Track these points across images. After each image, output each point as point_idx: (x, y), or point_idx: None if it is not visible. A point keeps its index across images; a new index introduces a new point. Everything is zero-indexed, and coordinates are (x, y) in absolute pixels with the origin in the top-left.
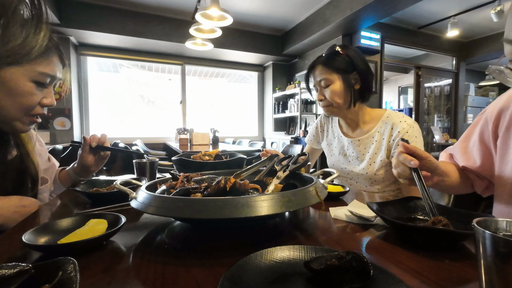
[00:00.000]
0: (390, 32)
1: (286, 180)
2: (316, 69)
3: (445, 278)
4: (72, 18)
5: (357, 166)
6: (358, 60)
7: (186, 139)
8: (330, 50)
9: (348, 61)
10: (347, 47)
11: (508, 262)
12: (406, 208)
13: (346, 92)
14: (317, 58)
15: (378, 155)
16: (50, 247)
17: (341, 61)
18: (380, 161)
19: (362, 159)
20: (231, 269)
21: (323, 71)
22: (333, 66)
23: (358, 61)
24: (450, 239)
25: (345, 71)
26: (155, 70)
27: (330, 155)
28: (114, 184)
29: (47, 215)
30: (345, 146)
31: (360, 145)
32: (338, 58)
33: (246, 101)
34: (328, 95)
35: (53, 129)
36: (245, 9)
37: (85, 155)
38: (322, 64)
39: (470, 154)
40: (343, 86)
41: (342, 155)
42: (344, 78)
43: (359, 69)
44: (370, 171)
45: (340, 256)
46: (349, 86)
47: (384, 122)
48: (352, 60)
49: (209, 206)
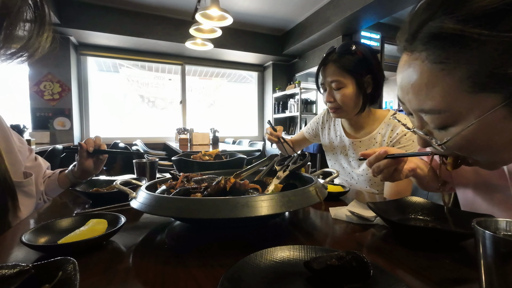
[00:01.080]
0: (390, 32)
1: (286, 180)
2: (328, 68)
3: (445, 278)
4: (72, 18)
5: (357, 167)
6: (373, 61)
7: (186, 139)
8: (344, 47)
9: (364, 63)
10: (361, 44)
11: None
12: (406, 208)
13: (358, 96)
14: (330, 53)
15: None
16: (50, 247)
17: (356, 62)
18: None
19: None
20: (231, 269)
21: (336, 72)
22: (348, 68)
23: (374, 63)
24: (450, 239)
25: (360, 74)
26: (155, 70)
27: (332, 153)
28: (114, 184)
29: (47, 215)
30: (347, 146)
31: (361, 146)
32: (353, 58)
33: (246, 101)
34: (339, 98)
35: (53, 129)
36: (245, 9)
37: (84, 161)
38: (335, 63)
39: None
40: (356, 90)
41: (343, 154)
42: (358, 82)
43: (373, 73)
44: (371, 172)
45: (340, 256)
46: (362, 90)
47: (386, 124)
48: (368, 62)
49: (209, 206)
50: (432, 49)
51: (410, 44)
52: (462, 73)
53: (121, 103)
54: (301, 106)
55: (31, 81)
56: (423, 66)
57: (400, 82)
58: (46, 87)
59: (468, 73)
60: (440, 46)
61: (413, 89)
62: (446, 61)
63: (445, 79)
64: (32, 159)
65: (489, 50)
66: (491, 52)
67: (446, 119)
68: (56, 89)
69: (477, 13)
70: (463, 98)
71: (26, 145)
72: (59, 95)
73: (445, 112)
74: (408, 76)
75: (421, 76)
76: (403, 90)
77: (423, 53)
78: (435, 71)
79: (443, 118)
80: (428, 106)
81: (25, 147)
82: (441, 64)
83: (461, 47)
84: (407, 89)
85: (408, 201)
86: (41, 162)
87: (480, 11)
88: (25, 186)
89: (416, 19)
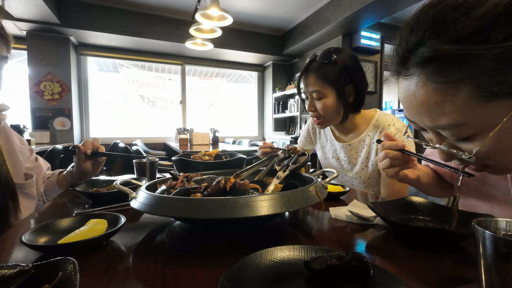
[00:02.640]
0: (390, 32)
1: (286, 180)
2: (309, 77)
3: (445, 278)
4: (72, 18)
5: (350, 170)
6: (354, 70)
7: (186, 139)
8: (325, 56)
9: (345, 72)
10: (343, 52)
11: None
12: (406, 208)
13: (339, 106)
14: (310, 61)
15: (369, 159)
16: (50, 247)
17: (337, 72)
18: (372, 165)
19: (355, 163)
20: (231, 269)
21: (316, 82)
22: (328, 78)
23: (354, 72)
24: (450, 239)
25: (341, 84)
26: (155, 70)
27: (324, 158)
28: (114, 184)
29: (47, 215)
30: (337, 150)
31: (351, 150)
32: (334, 68)
33: (246, 101)
34: (320, 108)
35: (53, 129)
36: (245, 9)
37: (82, 163)
38: (315, 73)
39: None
40: (337, 100)
41: (335, 158)
42: (338, 92)
43: (354, 82)
44: (364, 175)
45: (340, 256)
46: (343, 99)
47: (374, 126)
48: (349, 71)
49: (209, 206)
50: (432, 71)
51: (406, 69)
52: (469, 86)
53: (121, 103)
54: (301, 106)
55: (31, 81)
56: (427, 87)
57: (407, 105)
58: (46, 87)
59: (475, 85)
60: (439, 67)
61: (424, 110)
62: (449, 80)
63: (454, 94)
64: (32, 159)
65: (489, 61)
66: (491, 62)
67: (467, 130)
68: (56, 89)
69: (465, 31)
70: (478, 108)
71: (26, 145)
72: (59, 95)
73: (464, 124)
74: (415, 98)
75: (428, 97)
76: (411, 112)
77: (423, 75)
78: (441, 89)
79: (464, 130)
80: (444, 122)
81: (26, 148)
82: (446, 83)
83: (460, 64)
84: (417, 110)
85: (408, 201)
86: (42, 163)
87: (467, 29)
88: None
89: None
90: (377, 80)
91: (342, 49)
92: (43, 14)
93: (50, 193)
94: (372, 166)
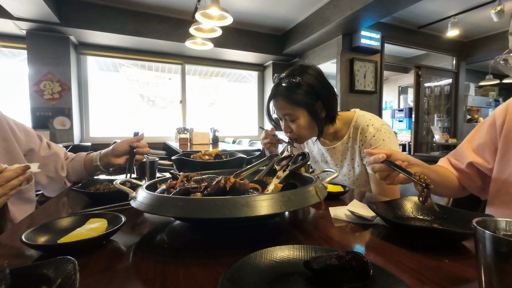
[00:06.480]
0: (390, 32)
1: (286, 180)
2: (278, 102)
3: (445, 278)
4: (72, 17)
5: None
6: (320, 87)
7: (186, 139)
8: (289, 80)
9: (311, 92)
10: (307, 72)
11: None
12: (406, 208)
13: (313, 124)
14: (276, 85)
15: (355, 161)
16: (50, 247)
17: (303, 93)
18: (358, 166)
19: (341, 165)
20: (231, 269)
21: (286, 106)
22: (296, 101)
23: (321, 89)
24: (450, 239)
25: (309, 103)
26: (155, 69)
27: (314, 161)
28: (114, 183)
29: (47, 214)
30: (324, 154)
31: (336, 153)
32: (299, 90)
33: (246, 100)
34: (295, 129)
35: (53, 128)
36: (245, 9)
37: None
38: (283, 97)
39: (476, 150)
40: (310, 118)
41: (323, 162)
42: (309, 111)
43: (322, 98)
44: (352, 176)
45: (340, 255)
46: (316, 117)
47: (354, 127)
48: (315, 89)
49: (209, 205)
50: None
51: None
52: None
53: (121, 102)
54: None
55: (31, 80)
56: None
57: None
58: (46, 86)
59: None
60: None
61: None
62: None
63: None
64: (45, 146)
65: None
66: None
67: None
68: (56, 89)
69: None
70: None
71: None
72: (59, 94)
73: None
74: None
75: None
76: None
77: None
78: None
79: None
80: None
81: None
82: None
83: None
84: None
85: (408, 201)
86: (57, 148)
87: None
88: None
89: None
90: (377, 80)
91: (306, 67)
92: (43, 14)
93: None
94: (359, 167)
